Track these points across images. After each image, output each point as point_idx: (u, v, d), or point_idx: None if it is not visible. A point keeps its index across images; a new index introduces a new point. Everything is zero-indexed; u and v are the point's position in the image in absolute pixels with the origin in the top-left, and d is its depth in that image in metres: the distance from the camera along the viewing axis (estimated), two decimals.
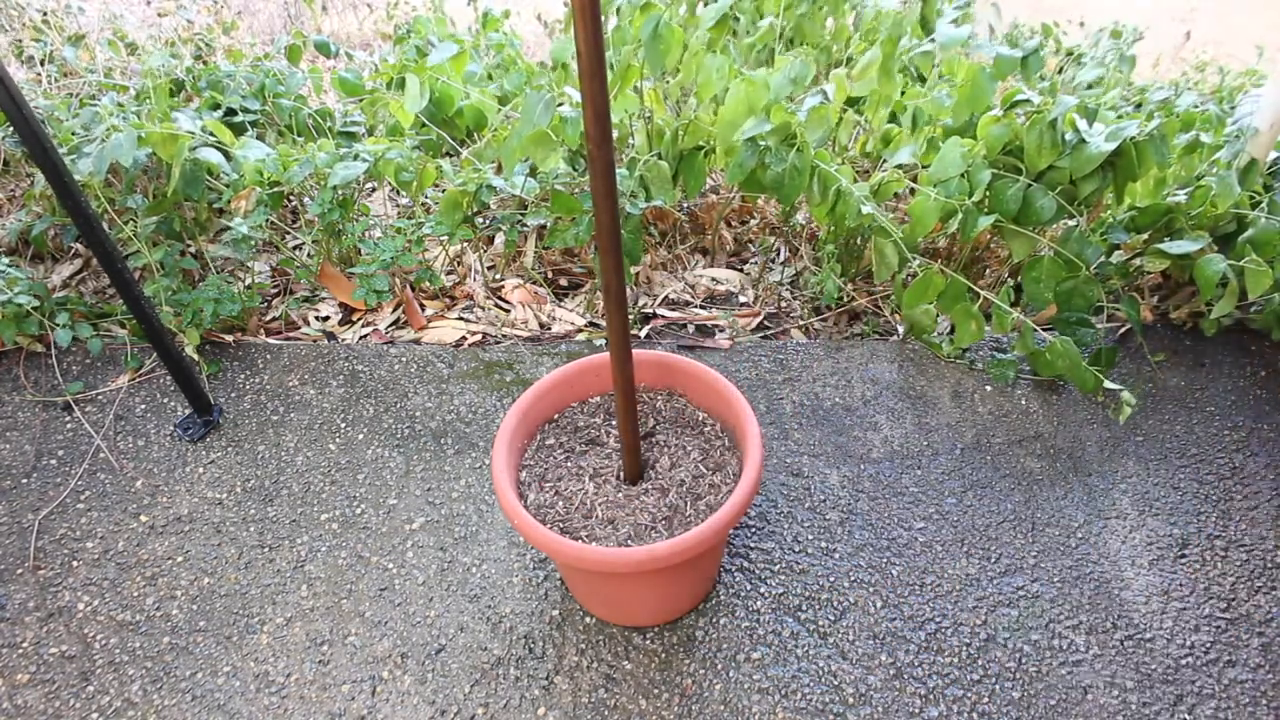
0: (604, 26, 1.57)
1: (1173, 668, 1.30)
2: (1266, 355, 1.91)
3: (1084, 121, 1.63)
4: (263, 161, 1.80)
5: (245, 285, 2.02)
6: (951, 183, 1.70)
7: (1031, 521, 1.53)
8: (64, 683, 1.28)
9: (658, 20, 1.64)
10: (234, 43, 3.06)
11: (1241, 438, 1.71)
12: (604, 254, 0.97)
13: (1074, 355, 1.68)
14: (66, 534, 1.49)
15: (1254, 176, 1.77)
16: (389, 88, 2.19)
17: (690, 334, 1.97)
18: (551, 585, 1.39)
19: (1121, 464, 1.65)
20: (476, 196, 1.83)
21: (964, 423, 1.73)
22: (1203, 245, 1.71)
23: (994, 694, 1.26)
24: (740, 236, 2.29)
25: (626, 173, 1.85)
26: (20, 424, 1.69)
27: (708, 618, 1.35)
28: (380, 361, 1.84)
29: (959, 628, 1.35)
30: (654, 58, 1.66)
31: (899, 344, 1.94)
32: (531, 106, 1.68)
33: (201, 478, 1.59)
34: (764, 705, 1.23)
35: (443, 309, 2.02)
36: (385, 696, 1.25)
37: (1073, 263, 1.68)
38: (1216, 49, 4.17)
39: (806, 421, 1.72)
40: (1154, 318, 2.02)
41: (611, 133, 0.85)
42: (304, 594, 1.39)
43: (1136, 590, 1.42)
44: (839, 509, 1.54)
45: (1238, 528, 1.53)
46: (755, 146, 1.70)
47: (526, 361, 1.85)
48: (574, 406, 1.40)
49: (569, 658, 1.29)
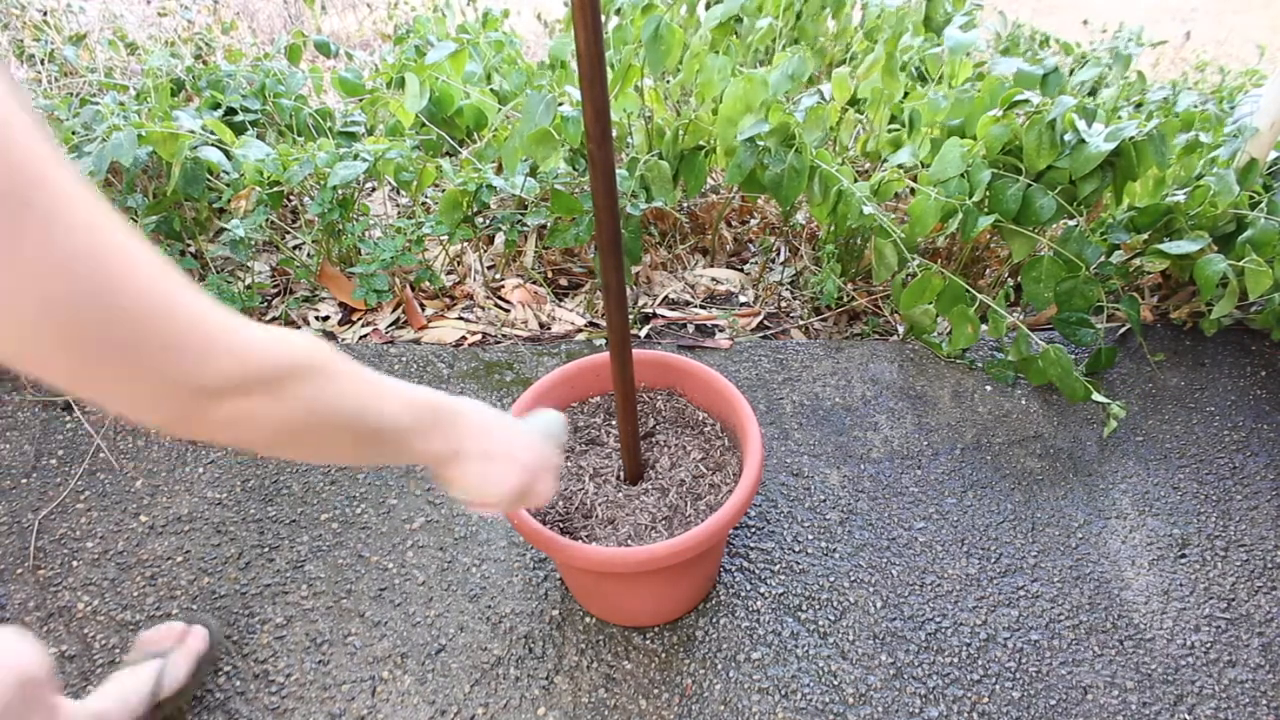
0: (604, 26, 1.57)
1: (1173, 668, 1.30)
2: (1266, 355, 1.91)
3: (1083, 122, 1.63)
4: (263, 161, 1.80)
5: (245, 285, 2.02)
6: (951, 183, 1.70)
7: (1031, 521, 1.53)
8: (65, 683, 1.28)
9: (659, 21, 1.64)
10: (234, 42, 3.06)
11: (1241, 438, 1.71)
12: (604, 254, 0.97)
13: (1065, 364, 1.68)
14: (66, 534, 1.49)
15: (1254, 176, 1.77)
16: (389, 87, 2.19)
17: (690, 334, 1.97)
18: (551, 585, 1.39)
19: (1121, 464, 1.65)
20: (476, 196, 1.83)
21: (964, 423, 1.73)
22: (1203, 245, 1.71)
23: (994, 694, 1.26)
24: (740, 236, 2.29)
25: (626, 173, 1.85)
26: (20, 424, 1.69)
27: (708, 618, 1.35)
28: (380, 361, 1.84)
29: (959, 627, 1.35)
30: (655, 58, 1.66)
31: (899, 344, 1.94)
32: (533, 106, 1.68)
33: (201, 478, 1.59)
34: (764, 705, 1.23)
35: (442, 309, 2.02)
36: (385, 696, 1.25)
37: (1073, 263, 1.68)
38: (1217, 49, 4.17)
39: (806, 421, 1.72)
40: (1154, 318, 2.02)
41: (612, 132, 0.85)
42: (304, 593, 1.39)
43: (1136, 590, 1.42)
44: (839, 509, 1.54)
45: (1238, 528, 1.53)
46: (754, 147, 1.70)
47: (526, 361, 1.85)
48: (574, 406, 1.40)
49: (569, 658, 1.29)
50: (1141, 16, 3.21)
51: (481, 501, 0.78)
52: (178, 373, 0.46)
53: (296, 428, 0.55)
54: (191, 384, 0.47)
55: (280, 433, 0.54)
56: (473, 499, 0.77)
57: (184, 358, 0.46)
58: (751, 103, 1.69)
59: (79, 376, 0.44)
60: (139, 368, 0.44)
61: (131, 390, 0.46)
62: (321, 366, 0.55)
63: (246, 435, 0.52)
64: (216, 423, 0.50)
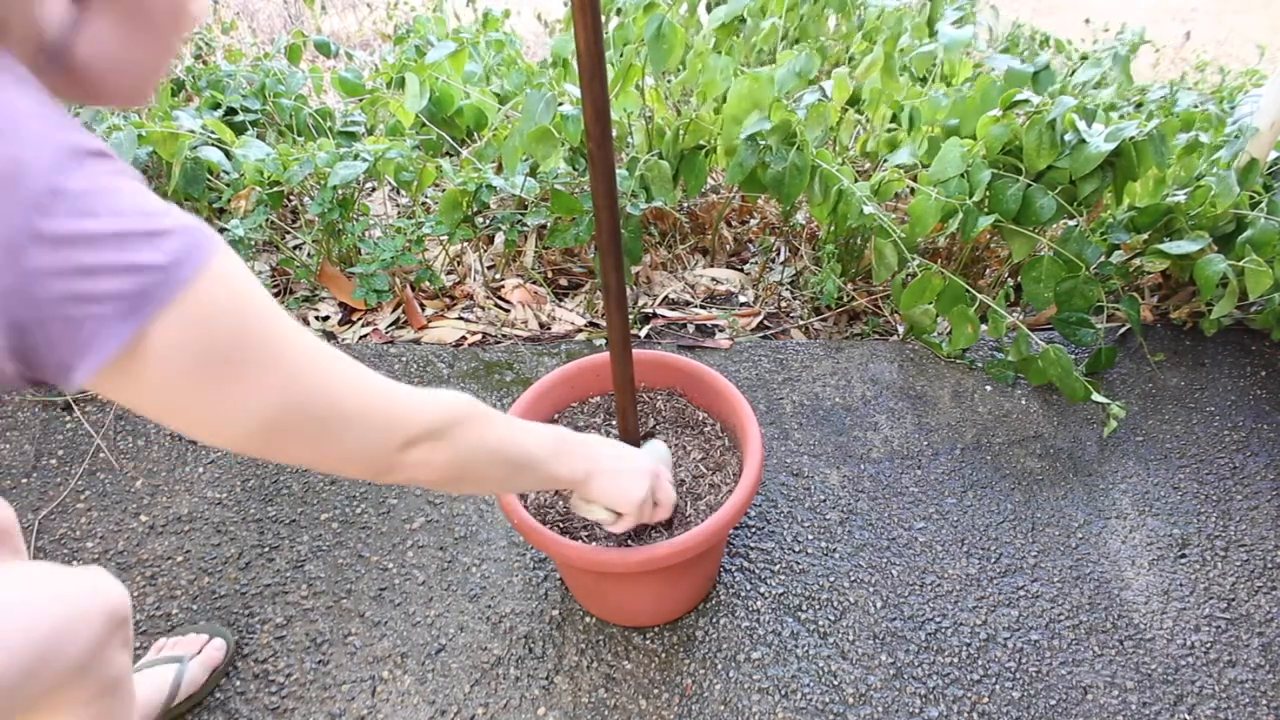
0: (605, 25, 1.57)
1: (1173, 668, 1.30)
2: (1266, 355, 1.91)
3: (1083, 122, 1.63)
4: (263, 161, 1.80)
5: None
6: (951, 183, 1.70)
7: (1031, 521, 1.53)
8: None
9: (661, 20, 1.64)
10: (234, 42, 3.06)
11: (1241, 438, 1.71)
12: (604, 254, 0.97)
13: (1065, 364, 1.68)
14: (67, 534, 1.49)
15: (1254, 176, 1.77)
16: (389, 87, 2.19)
17: (690, 334, 1.97)
18: (551, 585, 1.39)
19: (1121, 464, 1.65)
20: (476, 196, 1.83)
21: (964, 422, 1.73)
22: (1203, 245, 1.71)
23: (994, 694, 1.26)
24: (740, 236, 2.29)
25: (627, 172, 1.85)
26: (20, 424, 1.69)
27: (708, 618, 1.35)
28: (380, 361, 1.84)
29: (959, 627, 1.35)
30: (657, 57, 1.67)
31: (899, 344, 1.94)
32: (533, 105, 1.68)
33: (201, 478, 1.59)
34: (764, 705, 1.24)
35: (442, 309, 2.02)
36: (385, 696, 1.25)
37: (1073, 263, 1.68)
38: (1217, 49, 4.17)
39: (806, 421, 1.72)
40: (1154, 318, 2.02)
41: (612, 132, 0.85)
42: (304, 593, 1.39)
43: (1136, 590, 1.42)
44: (839, 509, 1.54)
45: (1238, 528, 1.53)
46: (755, 145, 1.70)
47: (526, 361, 1.85)
48: (574, 406, 1.40)
49: (569, 658, 1.29)
50: (1141, 16, 3.21)
51: (619, 507, 0.93)
52: (376, 441, 0.63)
53: (463, 463, 0.71)
54: (388, 447, 0.64)
55: (451, 468, 0.70)
56: (612, 505, 0.92)
57: (379, 430, 0.63)
58: (759, 101, 1.69)
59: (306, 459, 0.61)
60: (349, 445, 0.61)
61: (342, 458, 0.62)
62: (474, 415, 0.72)
63: (425, 475, 0.69)
64: (405, 469, 0.67)
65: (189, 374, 0.52)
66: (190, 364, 0.51)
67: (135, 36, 0.56)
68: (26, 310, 0.46)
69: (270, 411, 0.55)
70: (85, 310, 0.47)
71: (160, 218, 0.49)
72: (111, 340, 0.47)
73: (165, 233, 0.49)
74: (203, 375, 0.52)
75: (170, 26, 0.58)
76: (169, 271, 0.49)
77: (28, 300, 0.45)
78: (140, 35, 0.56)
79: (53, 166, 0.45)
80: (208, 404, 0.53)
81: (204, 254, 0.51)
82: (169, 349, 0.50)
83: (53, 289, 0.45)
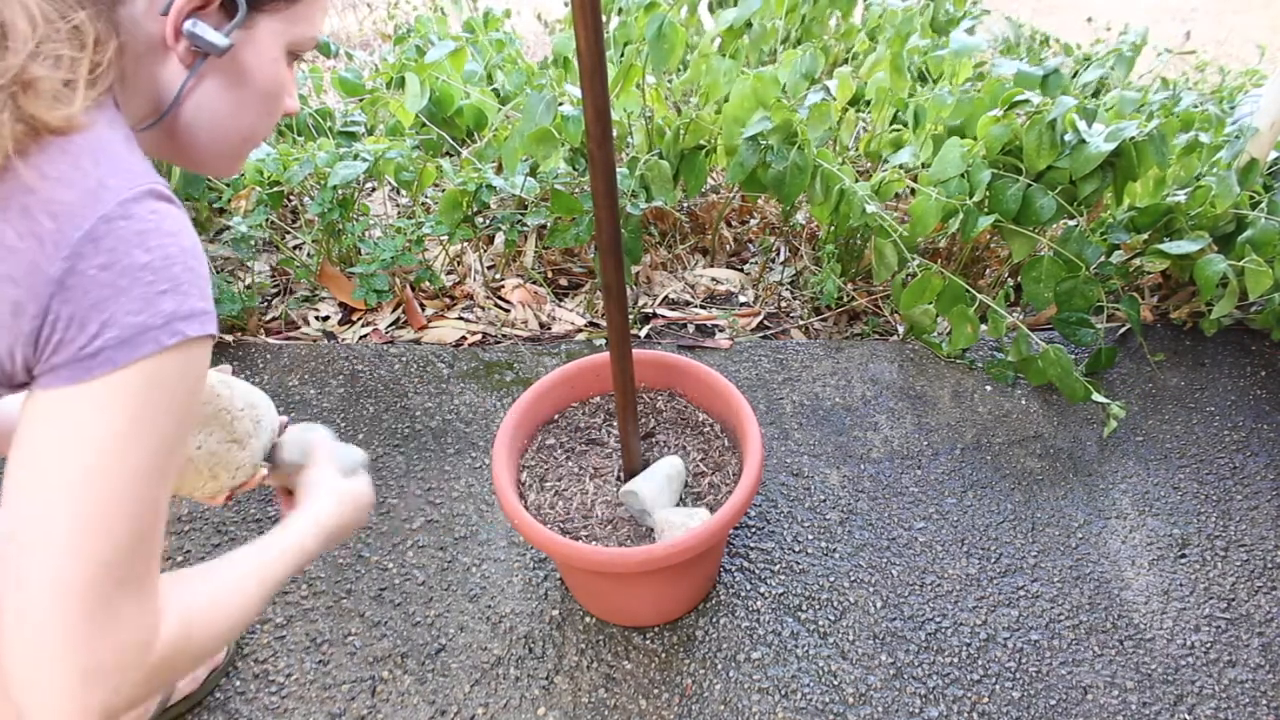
0: (605, 25, 1.57)
1: (1173, 668, 1.30)
2: (1266, 355, 1.91)
3: (1083, 122, 1.63)
4: (263, 161, 1.80)
5: (245, 285, 2.02)
6: (952, 183, 1.70)
7: (1031, 521, 1.53)
8: None
9: (663, 20, 1.64)
10: None
11: (1241, 438, 1.71)
12: (604, 254, 0.97)
13: (1065, 364, 1.68)
14: None
15: (1254, 176, 1.77)
16: (389, 87, 2.19)
17: (690, 334, 1.97)
18: (551, 585, 1.39)
19: (1121, 464, 1.65)
20: (476, 196, 1.83)
21: (964, 422, 1.73)
22: (1203, 245, 1.71)
23: (994, 694, 1.26)
24: (740, 236, 2.29)
25: (627, 172, 1.85)
26: None
27: (708, 618, 1.35)
28: (380, 361, 1.84)
29: (959, 627, 1.35)
30: (658, 57, 1.67)
31: (899, 344, 1.94)
32: (533, 105, 1.68)
33: None
34: (764, 705, 1.24)
35: (442, 309, 2.02)
36: (385, 696, 1.25)
37: (1073, 263, 1.68)
38: (1217, 49, 4.17)
39: (806, 421, 1.72)
40: (1154, 318, 2.02)
41: (612, 132, 0.85)
42: (304, 593, 1.39)
43: (1136, 590, 1.42)
44: (839, 509, 1.54)
45: (1238, 528, 1.53)
46: (756, 145, 1.70)
47: (526, 361, 1.85)
48: (574, 406, 1.40)
49: (569, 657, 1.29)
50: (1142, 16, 3.21)
51: (362, 521, 0.89)
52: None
53: (212, 630, 0.62)
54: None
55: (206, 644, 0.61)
56: (358, 525, 0.88)
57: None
58: (763, 100, 1.69)
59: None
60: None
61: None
62: (190, 619, 0.60)
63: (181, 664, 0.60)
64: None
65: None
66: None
67: (236, 107, 0.62)
68: (61, 304, 0.50)
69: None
70: (99, 322, 0.50)
71: (187, 286, 0.53)
72: (104, 364, 0.51)
73: (181, 294, 0.53)
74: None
75: (269, 104, 0.64)
76: (165, 329, 0.52)
77: (66, 295, 0.50)
78: (241, 107, 0.62)
79: (129, 194, 0.52)
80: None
81: (183, 336, 0.53)
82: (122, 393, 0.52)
83: (89, 295, 0.50)
